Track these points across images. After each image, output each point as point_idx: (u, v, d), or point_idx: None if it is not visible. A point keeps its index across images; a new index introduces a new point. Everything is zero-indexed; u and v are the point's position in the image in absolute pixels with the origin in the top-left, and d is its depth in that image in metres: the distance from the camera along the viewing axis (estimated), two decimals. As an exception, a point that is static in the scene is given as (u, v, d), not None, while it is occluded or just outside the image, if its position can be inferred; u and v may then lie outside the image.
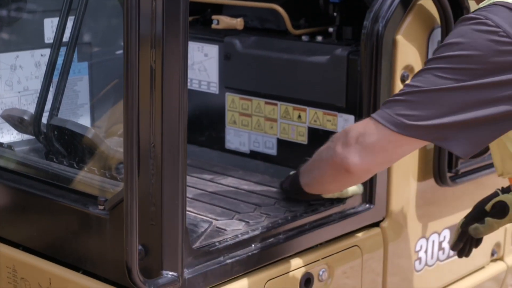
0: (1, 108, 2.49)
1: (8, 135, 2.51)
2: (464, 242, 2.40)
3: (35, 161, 2.31)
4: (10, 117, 2.42)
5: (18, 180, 2.25)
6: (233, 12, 2.85)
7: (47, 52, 2.40)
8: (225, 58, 2.77)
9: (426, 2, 2.43)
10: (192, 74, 2.88)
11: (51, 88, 2.35)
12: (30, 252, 2.23)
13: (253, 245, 2.10)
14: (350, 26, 2.61)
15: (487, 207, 2.34)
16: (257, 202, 2.34)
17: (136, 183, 1.75)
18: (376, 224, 2.46)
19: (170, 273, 1.87)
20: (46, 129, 2.30)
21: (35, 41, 2.55)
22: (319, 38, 2.67)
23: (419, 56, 2.44)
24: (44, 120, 2.32)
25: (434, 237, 2.66)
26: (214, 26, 2.82)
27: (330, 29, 2.65)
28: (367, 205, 2.41)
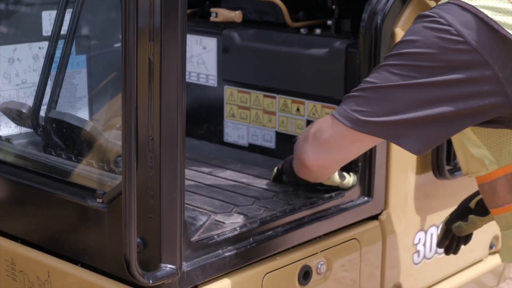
0: (-1, 101, 2.49)
1: (6, 128, 2.51)
2: (450, 240, 2.40)
3: (33, 154, 2.31)
4: (8, 110, 2.42)
5: (17, 173, 2.25)
6: (232, 5, 2.84)
7: (45, 45, 2.40)
8: (224, 51, 2.77)
9: (425, -5, 2.43)
10: (191, 67, 2.88)
11: (49, 81, 2.34)
12: (29, 245, 2.23)
13: (252, 238, 2.10)
14: (349, 19, 2.60)
15: (471, 205, 2.35)
16: (256, 195, 2.34)
17: (135, 176, 1.75)
18: (375, 217, 2.46)
19: (169, 266, 1.87)
20: (44, 122, 2.30)
21: (33, 34, 2.54)
22: (318, 31, 2.67)
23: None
24: (42, 113, 2.32)
25: (433, 230, 2.66)
26: (213, 19, 2.81)
27: (329, 22, 2.65)
28: (366, 198, 2.41)
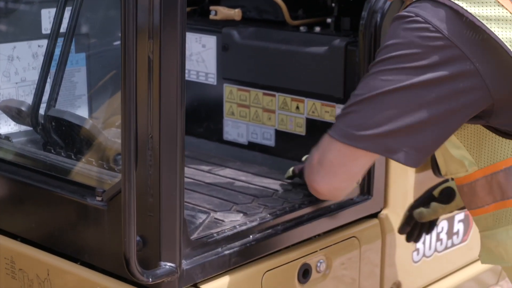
0: (-1, 99, 2.49)
1: (6, 126, 2.51)
2: (412, 227, 2.40)
3: (33, 152, 2.31)
4: (8, 108, 2.41)
5: (16, 172, 2.25)
6: (231, 3, 2.84)
7: (45, 43, 2.40)
8: (223, 49, 2.77)
9: (425, -7, 2.42)
10: (190, 65, 2.88)
11: (49, 79, 2.34)
12: (28, 244, 2.23)
13: (251, 236, 2.10)
14: (348, 17, 2.60)
15: (435, 192, 2.36)
16: (255, 193, 2.34)
17: (134, 174, 1.74)
18: (374, 215, 2.46)
19: (168, 264, 1.87)
20: (44, 120, 2.30)
21: (33, 32, 2.54)
22: (317, 29, 2.66)
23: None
24: (42, 111, 2.32)
25: (432, 228, 2.66)
26: (212, 17, 2.81)
27: (328, 20, 2.64)
28: (365, 196, 2.41)
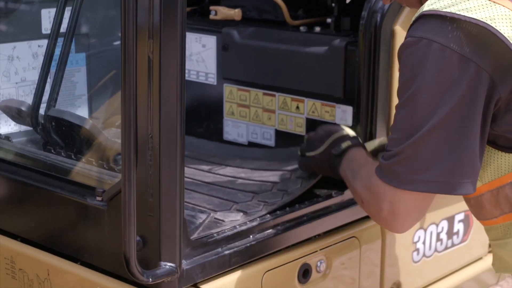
0: (-1, 99, 2.49)
1: (6, 126, 2.51)
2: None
3: (33, 152, 2.31)
4: (8, 108, 2.41)
5: (16, 171, 2.25)
6: (231, 3, 2.84)
7: (45, 43, 2.40)
8: (223, 49, 2.77)
9: (425, -7, 2.42)
10: (190, 65, 2.88)
11: (49, 79, 2.34)
12: (28, 243, 2.23)
13: (251, 236, 2.10)
14: (348, 17, 2.60)
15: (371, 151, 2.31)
16: (255, 190, 2.33)
17: (134, 174, 1.74)
18: (374, 215, 2.46)
19: (168, 264, 1.87)
20: (44, 120, 2.30)
21: (33, 32, 2.54)
22: (317, 29, 2.66)
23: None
24: (42, 111, 2.32)
25: (432, 228, 2.66)
26: (212, 17, 2.81)
27: (328, 20, 2.64)
28: (365, 196, 2.41)
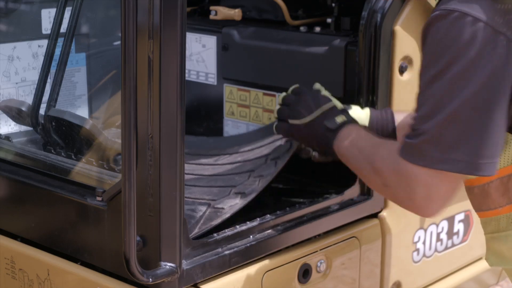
0: (-1, 99, 2.49)
1: (6, 126, 2.51)
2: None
3: (33, 152, 2.31)
4: (8, 108, 2.41)
5: (16, 171, 2.25)
6: (231, 3, 2.84)
7: (45, 43, 2.40)
8: (223, 49, 2.77)
9: (425, -7, 2.43)
10: (190, 65, 2.87)
11: (49, 79, 2.34)
12: (28, 243, 2.23)
13: (251, 236, 2.10)
14: (348, 17, 2.60)
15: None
16: (250, 168, 2.32)
17: (134, 174, 1.74)
18: (375, 215, 2.46)
19: (168, 264, 1.87)
20: (44, 120, 2.30)
21: (33, 32, 2.54)
22: (317, 29, 2.66)
23: (418, 47, 2.43)
24: (42, 111, 2.32)
25: (432, 228, 2.66)
26: (212, 17, 2.81)
27: (328, 20, 2.64)
28: (366, 196, 2.40)
